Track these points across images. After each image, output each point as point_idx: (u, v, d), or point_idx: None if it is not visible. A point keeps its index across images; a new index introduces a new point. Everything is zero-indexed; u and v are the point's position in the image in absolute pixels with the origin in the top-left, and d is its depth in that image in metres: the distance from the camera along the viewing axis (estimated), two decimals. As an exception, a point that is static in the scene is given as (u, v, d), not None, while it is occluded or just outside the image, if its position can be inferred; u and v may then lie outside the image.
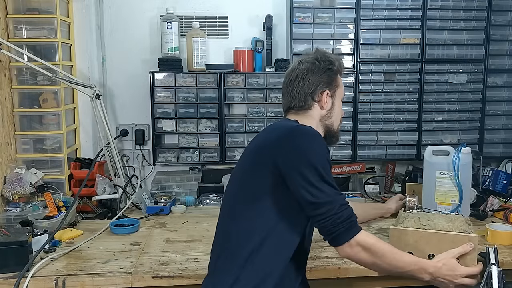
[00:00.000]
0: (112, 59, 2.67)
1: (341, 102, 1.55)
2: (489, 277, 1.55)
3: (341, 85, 1.54)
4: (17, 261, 1.64)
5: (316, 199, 1.26)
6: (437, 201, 1.84)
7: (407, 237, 1.48)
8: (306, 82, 1.47)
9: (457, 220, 1.54)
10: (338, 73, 1.52)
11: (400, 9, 2.56)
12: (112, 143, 2.38)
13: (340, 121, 1.57)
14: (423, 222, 1.53)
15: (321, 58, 1.50)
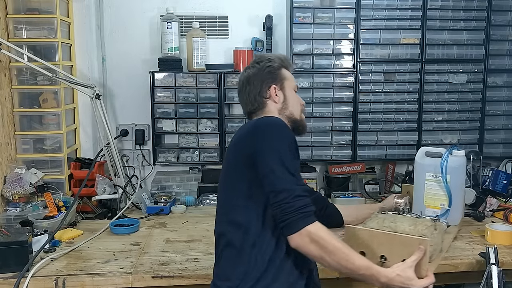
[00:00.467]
0: (112, 59, 2.67)
1: (294, 92, 1.60)
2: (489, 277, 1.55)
3: (288, 77, 1.59)
4: (17, 261, 1.64)
5: (273, 187, 1.28)
6: (426, 204, 1.79)
7: (359, 236, 1.42)
8: (252, 85, 1.55)
9: (422, 224, 1.50)
10: (281, 68, 1.58)
11: (400, 9, 2.56)
12: (112, 143, 2.38)
13: (300, 109, 1.61)
14: (386, 223, 1.51)
15: (259, 60, 1.59)
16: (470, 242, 1.91)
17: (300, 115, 1.60)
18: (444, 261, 1.74)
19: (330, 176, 2.70)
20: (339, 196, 2.56)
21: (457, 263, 1.74)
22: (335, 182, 2.72)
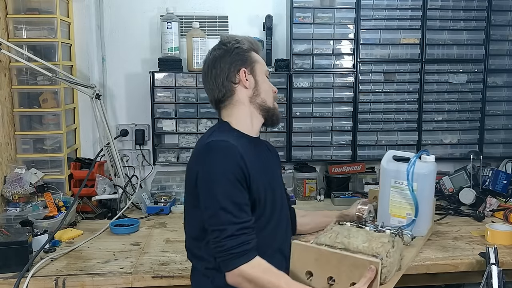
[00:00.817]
0: (112, 59, 2.67)
1: (266, 77, 1.48)
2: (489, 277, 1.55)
3: (259, 61, 1.47)
4: (17, 261, 1.64)
5: (207, 224, 1.25)
6: (391, 212, 1.60)
7: (307, 254, 1.28)
8: (219, 69, 1.41)
9: (378, 240, 1.32)
10: (251, 50, 1.46)
11: (400, 9, 2.56)
12: (112, 143, 2.38)
13: (273, 97, 1.49)
14: (339, 238, 1.34)
15: (226, 41, 1.45)
16: (470, 242, 1.91)
17: (273, 103, 1.48)
18: (444, 261, 1.74)
19: (330, 176, 2.70)
20: (339, 196, 2.56)
21: (457, 263, 1.74)
22: (335, 182, 2.72)
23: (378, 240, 1.31)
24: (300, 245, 1.30)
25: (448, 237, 1.98)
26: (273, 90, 1.50)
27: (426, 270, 1.73)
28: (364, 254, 1.25)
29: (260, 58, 1.49)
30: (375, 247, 1.27)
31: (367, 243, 1.29)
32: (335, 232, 1.37)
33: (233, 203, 1.23)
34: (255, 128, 1.46)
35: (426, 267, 1.72)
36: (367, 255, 1.24)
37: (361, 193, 2.65)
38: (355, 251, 1.26)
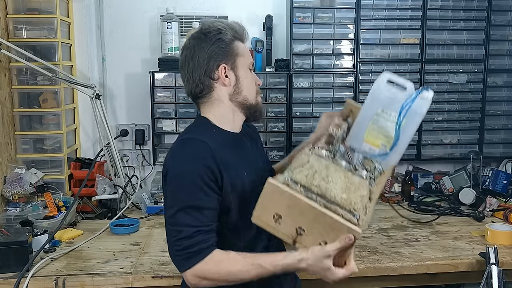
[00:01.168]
0: (112, 59, 2.67)
1: (249, 71, 1.33)
2: (489, 277, 1.56)
3: (242, 53, 1.31)
4: (17, 261, 1.64)
5: (167, 223, 1.21)
6: (365, 139, 1.41)
7: (281, 198, 1.13)
8: (196, 62, 1.29)
9: (358, 191, 1.16)
10: (234, 41, 1.30)
11: (400, 9, 2.56)
12: (112, 143, 2.38)
13: (256, 91, 1.35)
14: (317, 180, 1.16)
15: (207, 30, 1.29)
16: (470, 242, 1.91)
17: (255, 99, 1.35)
18: (444, 261, 1.74)
19: (330, 176, 2.69)
20: (339, 196, 2.55)
21: (457, 263, 1.74)
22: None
23: (357, 192, 1.15)
24: (274, 187, 1.13)
25: (448, 237, 1.98)
26: (257, 83, 1.36)
27: (426, 270, 1.73)
28: (342, 208, 1.11)
29: (245, 48, 1.33)
30: (354, 201, 1.13)
31: (346, 193, 1.14)
32: (313, 169, 1.18)
33: (194, 206, 1.17)
34: (237, 125, 1.35)
35: (426, 267, 1.73)
36: (345, 210, 1.11)
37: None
38: (332, 201, 1.12)
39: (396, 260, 1.73)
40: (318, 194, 1.12)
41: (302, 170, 1.18)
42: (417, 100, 1.35)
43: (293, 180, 1.15)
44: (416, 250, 1.83)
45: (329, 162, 1.22)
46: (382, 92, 1.39)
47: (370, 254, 1.80)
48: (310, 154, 1.24)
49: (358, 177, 1.20)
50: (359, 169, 1.25)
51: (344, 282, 1.72)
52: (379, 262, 1.72)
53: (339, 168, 1.21)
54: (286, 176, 1.15)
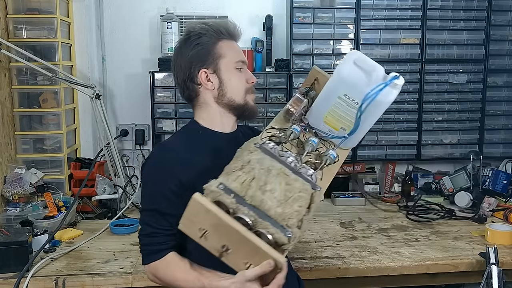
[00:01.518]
0: (112, 59, 2.67)
1: (236, 71, 1.31)
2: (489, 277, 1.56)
3: (225, 54, 1.29)
4: (17, 261, 1.64)
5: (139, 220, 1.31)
6: (325, 120, 1.30)
7: (206, 217, 1.05)
8: (179, 67, 1.30)
9: (296, 202, 1.07)
10: (217, 42, 1.29)
11: (400, 9, 2.56)
12: (112, 143, 2.38)
13: (245, 90, 1.32)
14: (252, 189, 1.06)
15: (187, 33, 1.29)
16: (470, 242, 1.91)
17: (243, 99, 1.32)
18: (444, 261, 1.74)
19: (330, 176, 2.69)
20: (339, 196, 2.56)
21: (457, 263, 1.74)
22: (335, 182, 2.71)
23: (295, 204, 1.06)
24: (199, 205, 1.04)
25: (448, 237, 1.98)
26: (249, 81, 1.34)
27: (426, 270, 1.73)
28: (273, 224, 1.02)
29: (230, 48, 1.30)
30: (288, 217, 1.04)
31: (281, 207, 1.04)
32: (251, 174, 1.09)
33: (158, 211, 1.23)
34: (228, 125, 1.34)
35: (426, 267, 1.73)
36: (277, 227, 1.02)
37: (361, 193, 2.65)
38: (265, 215, 1.03)
39: (396, 260, 1.73)
40: (251, 205, 1.04)
41: (240, 175, 1.09)
42: (386, 89, 1.20)
43: (227, 188, 1.06)
44: (416, 250, 1.83)
45: (273, 161, 1.13)
46: (349, 74, 1.24)
47: (370, 254, 1.80)
48: (253, 150, 1.15)
49: (300, 182, 1.10)
50: (305, 167, 1.15)
51: (344, 282, 1.73)
52: (379, 262, 1.72)
53: (282, 170, 1.11)
54: (220, 181, 1.07)
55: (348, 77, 1.23)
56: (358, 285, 1.75)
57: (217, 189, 1.05)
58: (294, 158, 1.16)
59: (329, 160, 1.22)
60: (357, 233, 2.04)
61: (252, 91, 1.35)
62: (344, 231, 2.07)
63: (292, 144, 1.28)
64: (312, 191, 1.10)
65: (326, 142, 1.29)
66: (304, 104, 1.33)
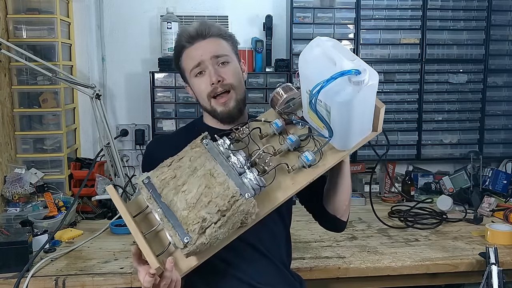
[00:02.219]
0: (112, 59, 2.67)
1: (194, 78, 1.29)
2: (489, 277, 1.56)
3: (185, 66, 1.31)
4: (17, 261, 1.64)
5: None
6: (310, 117, 1.14)
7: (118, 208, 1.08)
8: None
9: (207, 207, 1.01)
10: (181, 55, 1.30)
11: (400, 9, 2.57)
12: (112, 143, 2.38)
13: (206, 95, 1.28)
14: (168, 188, 1.05)
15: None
16: (470, 242, 1.91)
17: (209, 105, 1.28)
18: (444, 261, 1.74)
19: (330, 176, 2.69)
20: (339, 196, 2.55)
21: (457, 263, 1.74)
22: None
23: (204, 210, 1.00)
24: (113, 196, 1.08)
25: (448, 237, 1.98)
26: (210, 82, 1.26)
27: (426, 270, 1.73)
28: (175, 227, 1.00)
29: (187, 55, 1.29)
30: (191, 221, 0.99)
31: (188, 210, 1.01)
32: (175, 172, 1.07)
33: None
34: (222, 123, 1.33)
35: (426, 267, 1.72)
36: (178, 230, 1.00)
37: (361, 193, 2.65)
38: (171, 215, 1.02)
39: (396, 260, 1.73)
40: (164, 203, 1.04)
41: (164, 171, 1.08)
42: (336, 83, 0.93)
43: (149, 182, 1.07)
44: (416, 250, 1.83)
45: (208, 160, 1.07)
46: (306, 66, 1.05)
47: (370, 254, 1.80)
48: (196, 146, 1.11)
49: (226, 186, 1.03)
50: (249, 170, 1.06)
51: (344, 282, 1.73)
52: (379, 262, 1.72)
53: (210, 171, 1.05)
54: (148, 175, 1.09)
55: (306, 69, 1.05)
56: (358, 285, 1.75)
57: (141, 182, 1.07)
58: (241, 158, 1.07)
59: (299, 163, 1.11)
60: (357, 233, 2.04)
61: (217, 95, 1.27)
62: (344, 231, 2.04)
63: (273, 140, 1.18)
64: (238, 197, 1.01)
65: (318, 141, 1.15)
66: (292, 94, 1.18)
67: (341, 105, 0.98)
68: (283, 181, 1.12)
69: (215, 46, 1.28)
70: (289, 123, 1.19)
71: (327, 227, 1.48)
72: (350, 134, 1.10)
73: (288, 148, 1.15)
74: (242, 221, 1.03)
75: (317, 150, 1.13)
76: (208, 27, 1.28)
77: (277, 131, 1.17)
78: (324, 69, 0.97)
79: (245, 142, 1.17)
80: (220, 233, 1.01)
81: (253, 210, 1.02)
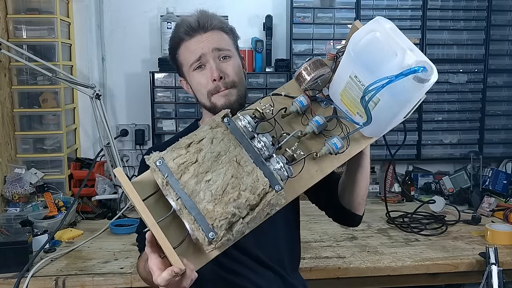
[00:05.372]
0: (112, 59, 2.67)
1: (193, 73, 1.21)
2: (489, 277, 1.56)
3: (182, 60, 1.23)
4: (17, 261, 1.64)
5: None
6: (341, 98, 1.04)
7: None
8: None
9: (235, 200, 0.89)
10: (179, 48, 1.22)
11: (400, 9, 2.57)
12: (112, 143, 2.38)
13: (206, 91, 1.20)
14: (188, 175, 0.91)
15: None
16: (470, 242, 1.91)
17: (209, 101, 1.21)
18: (444, 261, 1.74)
19: (330, 176, 2.69)
20: (339, 196, 2.55)
21: (457, 263, 1.74)
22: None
23: (231, 204, 0.89)
24: (124, 183, 0.91)
25: (448, 237, 1.98)
26: (211, 78, 1.18)
27: (426, 270, 1.73)
28: (197, 221, 0.88)
29: (186, 49, 1.21)
30: (218, 217, 0.88)
31: (212, 203, 0.89)
32: (195, 156, 0.93)
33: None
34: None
35: (426, 267, 1.73)
36: (201, 224, 0.88)
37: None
38: (193, 207, 0.90)
39: (396, 260, 1.73)
40: (184, 191, 0.90)
41: (182, 154, 0.93)
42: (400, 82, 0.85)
43: (164, 165, 0.92)
44: (416, 250, 1.83)
45: (232, 144, 0.94)
46: (362, 49, 0.92)
47: (370, 254, 1.80)
48: (217, 125, 0.97)
49: (256, 176, 0.92)
50: (277, 157, 0.95)
51: (344, 282, 1.73)
52: (379, 262, 1.72)
53: (237, 157, 0.93)
54: (161, 156, 0.93)
55: (361, 53, 0.92)
56: (358, 285, 1.75)
57: (153, 164, 0.93)
58: (269, 142, 0.95)
59: (326, 149, 1.01)
60: (357, 233, 2.04)
61: (219, 91, 1.20)
62: (344, 231, 2.06)
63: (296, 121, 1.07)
64: (268, 189, 0.90)
65: (345, 124, 1.05)
66: (321, 71, 1.06)
67: (396, 101, 0.91)
68: (307, 167, 1.01)
69: (217, 39, 1.21)
70: (312, 100, 1.07)
71: (343, 222, 1.40)
72: (389, 124, 1.02)
73: (313, 130, 1.03)
74: (267, 213, 0.93)
75: (345, 136, 1.02)
76: (210, 19, 1.21)
77: (301, 110, 1.05)
78: (381, 58, 0.88)
79: (270, 122, 1.02)
80: (247, 228, 0.91)
81: (281, 202, 0.92)
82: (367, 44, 0.91)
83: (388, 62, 0.87)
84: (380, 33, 0.90)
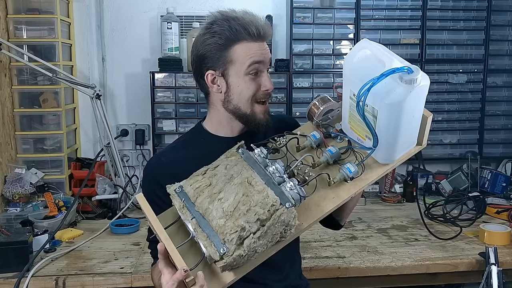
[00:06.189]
0: (112, 59, 2.67)
1: (245, 77, 1.16)
2: (489, 277, 1.56)
3: (237, 58, 1.15)
4: (17, 261, 1.64)
5: None
6: (350, 125, 1.09)
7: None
8: (192, 60, 1.22)
9: (245, 215, 0.94)
10: (231, 45, 1.15)
11: (400, 9, 2.57)
12: (112, 143, 2.38)
13: (251, 98, 1.18)
14: (202, 196, 1.00)
15: (207, 26, 1.17)
16: (470, 242, 1.91)
17: (250, 108, 1.18)
18: (444, 261, 1.74)
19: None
20: (339, 196, 2.55)
21: (457, 263, 1.74)
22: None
23: (242, 218, 0.93)
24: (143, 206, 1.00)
25: (448, 237, 1.98)
26: (262, 88, 1.18)
27: (426, 270, 1.73)
28: (210, 237, 0.94)
29: (247, 49, 1.16)
30: (229, 231, 0.93)
31: (225, 219, 0.94)
32: (210, 180, 1.01)
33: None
34: (238, 129, 1.25)
35: (426, 267, 1.73)
36: (213, 240, 0.94)
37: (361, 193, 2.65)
38: (206, 225, 0.96)
39: (396, 260, 1.74)
40: (198, 213, 0.98)
41: (199, 179, 1.02)
42: (386, 81, 0.90)
43: (182, 191, 1.01)
44: (416, 250, 1.83)
45: (245, 168, 1.02)
46: (357, 67, 0.99)
47: (370, 254, 1.80)
48: (232, 155, 1.06)
49: (266, 195, 0.96)
50: (288, 179, 1.00)
51: (344, 282, 1.73)
52: (379, 262, 1.72)
53: (248, 179, 0.99)
54: (181, 184, 1.03)
55: (354, 70, 0.99)
56: (358, 285, 1.75)
57: (173, 191, 1.02)
58: (280, 167, 1.01)
59: (341, 175, 1.05)
60: (357, 233, 2.04)
61: (262, 101, 1.20)
62: (344, 231, 2.07)
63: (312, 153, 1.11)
64: (279, 206, 0.94)
65: (359, 153, 1.08)
66: (330, 105, 1.11)
67: (391, 107, 0.94)
68: (324, 194, 1.06)
69: (269, 51, 1.21)
70: (327, 136, 1.12)
71: (326, 226, 1.43)
72: (396, 144, 1.03)
73: (327, 159, 1.07)
74: (281, 233, 0.97)
75: (360, 162, 1.06)
76: (269, 30, 1.21)
77: (315, 143, 1.10)
78: (373, 71, 0.92)
79: (282, 152, 1.09)
80: (259, 245, 0.94)
81: (293, 222, 0.96)
82: (360, 61, 0.99)
83: (378, 72, 0.91)
84: (370, 50, 0.98)
